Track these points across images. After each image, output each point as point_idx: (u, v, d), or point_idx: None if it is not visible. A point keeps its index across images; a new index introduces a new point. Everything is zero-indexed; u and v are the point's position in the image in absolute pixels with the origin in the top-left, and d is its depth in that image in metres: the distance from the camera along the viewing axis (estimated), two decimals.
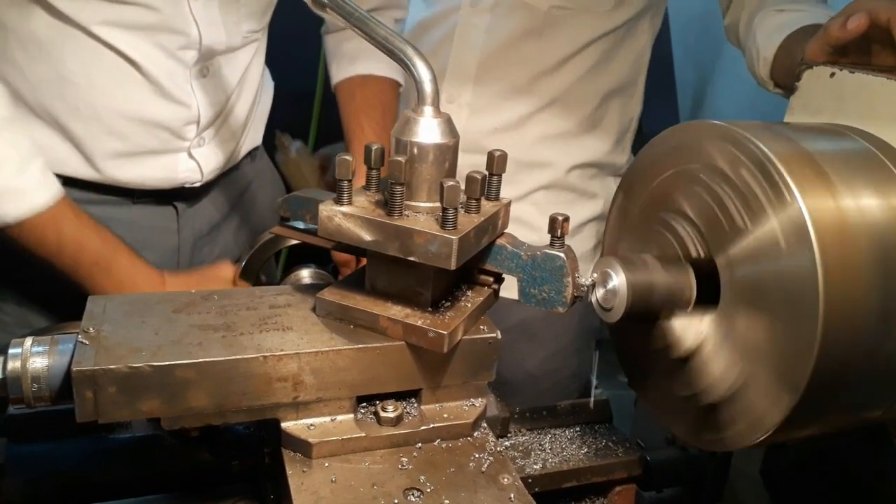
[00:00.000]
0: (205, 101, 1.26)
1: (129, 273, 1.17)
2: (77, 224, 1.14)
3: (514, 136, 1.41)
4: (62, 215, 1.12)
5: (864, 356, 0.68)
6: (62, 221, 1.12)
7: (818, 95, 0.88)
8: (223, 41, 1.24)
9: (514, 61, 1.37)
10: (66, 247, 1.13)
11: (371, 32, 0.76)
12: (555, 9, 1.32)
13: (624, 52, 1.41)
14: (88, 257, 1.14)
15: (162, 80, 1.19)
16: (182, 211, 1.36)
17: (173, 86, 1.21)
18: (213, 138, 1.32)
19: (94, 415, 0.67)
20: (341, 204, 0.73)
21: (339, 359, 0.73)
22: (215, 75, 1.27)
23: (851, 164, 0.74)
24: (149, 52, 1.16)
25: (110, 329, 0.72)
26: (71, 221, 1.13)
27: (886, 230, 0.69)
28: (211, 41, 1.21)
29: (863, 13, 0.88)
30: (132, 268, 1.18)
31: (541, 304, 0.76)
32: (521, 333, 1.45)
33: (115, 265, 1.16)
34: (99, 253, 1.15)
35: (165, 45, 1.17)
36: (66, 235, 1.13)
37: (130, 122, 1.20)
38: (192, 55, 1.21)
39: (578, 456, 0.95)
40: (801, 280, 0.65)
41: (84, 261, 1.14)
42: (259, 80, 1.43)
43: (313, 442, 0.72)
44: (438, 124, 0.73)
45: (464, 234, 0.70)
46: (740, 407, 0.72)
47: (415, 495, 0.69)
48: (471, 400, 0.80)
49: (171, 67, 1.20)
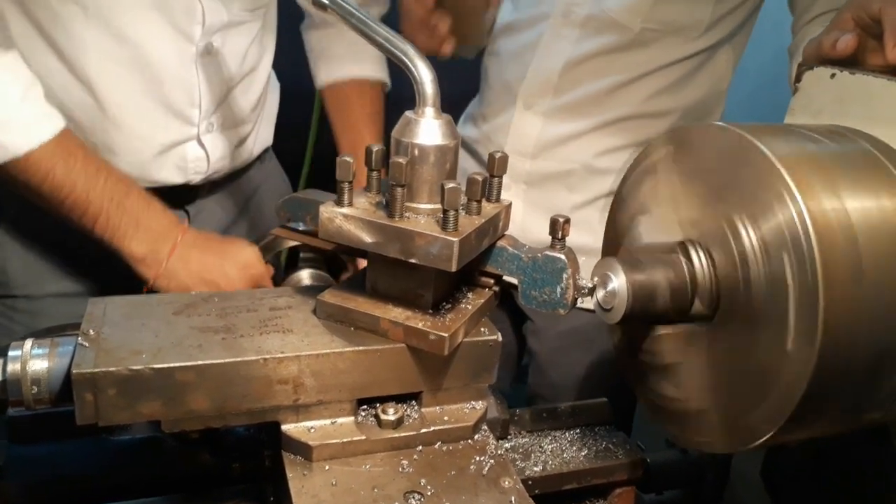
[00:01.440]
0: (208, 81, 1.25)
1: (143, 210, 1.14)
2: (85, 157, 1.11)
3: (584, 144, 1.41)
4: (70, 147, 1.09)
5: (864, 359, 0.68)
6: (70, 153, 1.09)
7: (819, 96, 0.88)
8: (223, 15, 1.23)
9: (595, 74, 1.36)
10: (76, 181, 1.09)
11: (372, 33, 0.76)
12: (647, 30, 1.31)
13: (703, 75, 1.41)
14: (100, 192, 1.11)
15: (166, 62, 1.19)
16: (193, 215, 1.36)
17: (178, 67, 1.20)
18: (220, 125, 1.32)
19: (94, 417, 0.67)
20: (342, 205, 0.73)
21: (339, 361, 0.73)
22: (219, 54, 1.26)
23: (852, 165, 0.74)
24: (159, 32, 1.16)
25: (110, 331, 0.72)
26: (79, 153, 1.10)
27: (888, 232, 0.69)
28: (212, 15, 1.21)
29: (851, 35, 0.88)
30: (147, 205, 1.15)
31: (541, 306, 0.76)
32: (575, 339, 1.45)
33: (128, 202, 1.13)
34: (112, 187, 1.12)
35: (175, 22, 1.17)
36: (76, 168, 1.09)
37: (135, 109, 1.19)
38: (198, 30, 1.20)
39: (579, 458, 0.95)
40: (802, 283, 0.64)
41: (95, 196, 1.10)
42: (266, 77, 1.42)
43: (314, 445, 0.72)
44: (439, 125, 0.73)
45: (465, 236, 0.70)
46: (735, 413, 0.72)
47: (415, 498, 0.69)
48: (471, 402, 0.80)
49: (179, 47, 1.19)
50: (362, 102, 1.46)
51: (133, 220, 1.13)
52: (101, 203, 1.11)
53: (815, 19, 1.24)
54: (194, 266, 1.16)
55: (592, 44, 1.34)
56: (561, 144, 1.40)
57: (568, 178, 1.43)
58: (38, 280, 1.27)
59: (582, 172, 1.42)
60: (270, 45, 1.42)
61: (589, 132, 1.40)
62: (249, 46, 1.33)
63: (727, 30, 1.37)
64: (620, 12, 1.30)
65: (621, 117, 1.39)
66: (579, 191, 1.43)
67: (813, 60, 0.92)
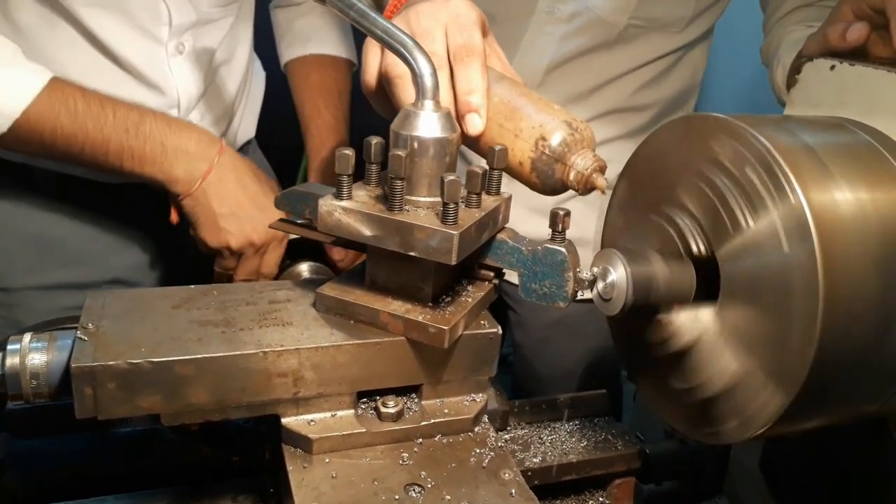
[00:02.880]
0: (183, 81, 1.23)
1: (166, 130, 1.10)
2: (85, 95, 1.07)
3: None
4: (65, 92, 1.06)
5: (863, 351, 0.68)
6: (68, 96, 1.05)
7: (818, 88, 0.88)
8: (191, 14, 1.21)
9: (580, 71, 1.36)
10: (85, 122, 1.05)
11: (371, 25, 0.75)
12: (632, 26, 1.31)
13: (681, 68, 1.42)
14: (113, 126, 1.07)
15: (139, 61, 1.16)
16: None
17: (152, 67, 1.18)
18: (199, 121, 1.29)
19: (93, 411, 0.67)
20: (341, 199, 0.72)
21: (339, 354, 0.73)
22: (191, 53, 1.23)
23: (852, 157, 0.74)
24: (124, 34, 1.14)
25: (109, 325, 0.71)
26: (77, 94, 1.07)
27: (887, 224, 0.69)
28: (179, 14, 1.18)
29: (862, 23, 0.87)
30: (168, 125, 1.11)
31: (541, 299, 0.75)
32: (562, 329, 1.45)
33: (144, 126, 1.09)
34: (123, 118, 1.08)
35: (139, 25, 1.15)
36: (80, 109, 1.05)
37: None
38: (165, 31, 1.18)
39: (578, 449, 0.95)
40: (801, 275, 0.64)
41: (110, 132, 1.07)
42: (246, 66, 1.39)
43: (314, 438, 0.72)
44: (439, 118, 0.73)
45: (465, 229, 0.69)
46: (736, 402, 0.72)
47: (416, 491, 0.69)
48: (472, 395, 0.80)
49: (148, 49, 1.17)
50: (321, 75, 1.43)
51: (158, 144, 1.08)
52: (119, 138, 1.07)
53: (788, 15, 1.24)
54: (228, 193, 1.13)
55: (577, 41, 1.33)
56: None
57: None
58: (14, 272, 1.25)
59: None
60: (246, 35, 1.38)
61: None
62: (223, 41, 1.30)
63: (706, 25, 1.39)
64: (606, 9, 1.30)
65: (605, 112, 1.39)
66: None
67: (816, 53, 0.92)
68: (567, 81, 1.37)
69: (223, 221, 1.13)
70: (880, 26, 0.88)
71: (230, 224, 1.13)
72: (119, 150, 1.07)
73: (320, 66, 1.44)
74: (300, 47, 1.45)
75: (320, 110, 1.41)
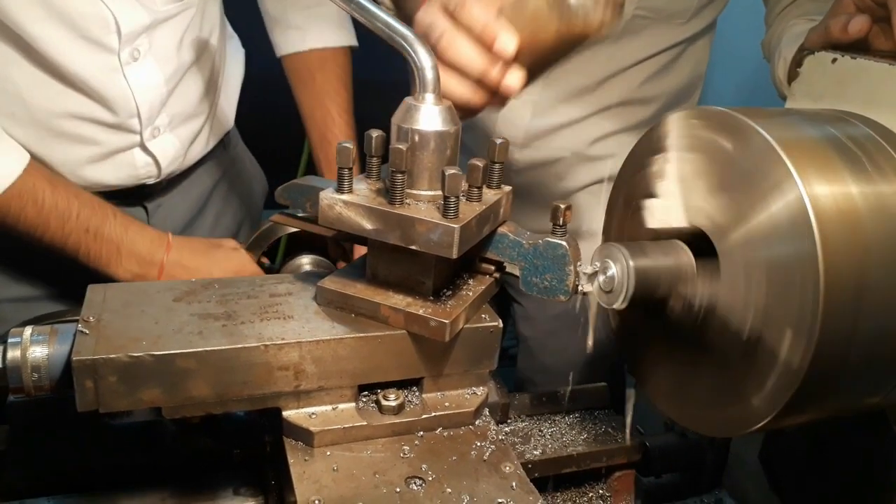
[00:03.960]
0: (141, 89, 1.17)
1: (123, 235, 1.12)
2: (54, 190, 1.08)
3: (575, 132, 1.41)
4: (37, 183, 1.07)
5: (863, 344, 0.68)
6: (38, 190, 1.06)
7: (820, 81, 0.88)
8: (142, 17, 1.14)
9: (585, 63, 1.35)
10: (49, 216, 1.07)
11: (371, 18, 0.75)
12: (637, 17, 1.31)
13: (685, 59, 1.42)
14: (74, 225, 1.09)
15: (90, 75, 1.12)
16: (153, 211, 1.31)
17: (104, 79, 1.13)
18: (167, 126, 1.25)
19: (94, 404, 0.67)
20: (342, 192, 0.72)
21: (340, 347, 0.73)
22: (148, 58, 1.17)
23: (853, 150, 0.74)
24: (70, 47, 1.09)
25: (110, 318, 0.71)
26: (47, 189, 1.07)
27: (888, 217, 0.69)
28: (128, 20, 1.12)
29: (864, 16, 0.87)
30: (125, 229, 1.12)
31: (542, 292, 0.76)
32: (568, 321, 1.44)
33: (105, 229, 1.11)
34: (86, 218, 1.09)
35: (86, 36, 1.10)
36: (47, 204, 1.07)
37: (70, 123, 1.14)
38: (114, 40, 1.12)
39: (578, 441, 0.95)
40: (802, 268, 0.64)
41: (70, 229, 1.08)
42: (215, 57, 1.32)
43: (315, 430, 0.72)
44: (440, 111, 0.73)
45: (465, 223, 0.69)
46: (737, 395, 0.72)
47: (416, 483, 0.70)
48: (472, 388, 0.80)
49: (99, 59, 1.12)
50: (326, 76, 1.38)
51: (114, 248, 1.11)
52: (78, 236, 1.09)
53: (789, 9, 1.24)
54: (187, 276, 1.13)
55: None
56: (551, 133, 1.40)
57: (558, 166, 1.43)
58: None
59: (572, 160, 1.42)
60: (214, 17, 1.31)
61: (580, 121, 1.40)
62: (185, 36, 1.23)
63: (710, 17, 1.39)
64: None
65: (611, 104, 1.39)
66: (570, 178, 1.43)
67: (818, 46, 0.91)
68: (575, 73, 1.36)
69: None
70: (882, 19, 0.88)
71: None
72: (76, 247, 1.10)
73: (323, 67, 1.39)
74: (298, 41, 1.39)
75: (334, 118, 1.37)
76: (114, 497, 0.80)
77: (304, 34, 1.39)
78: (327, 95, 1.38)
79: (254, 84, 1.51)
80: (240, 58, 1.47)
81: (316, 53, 1.39)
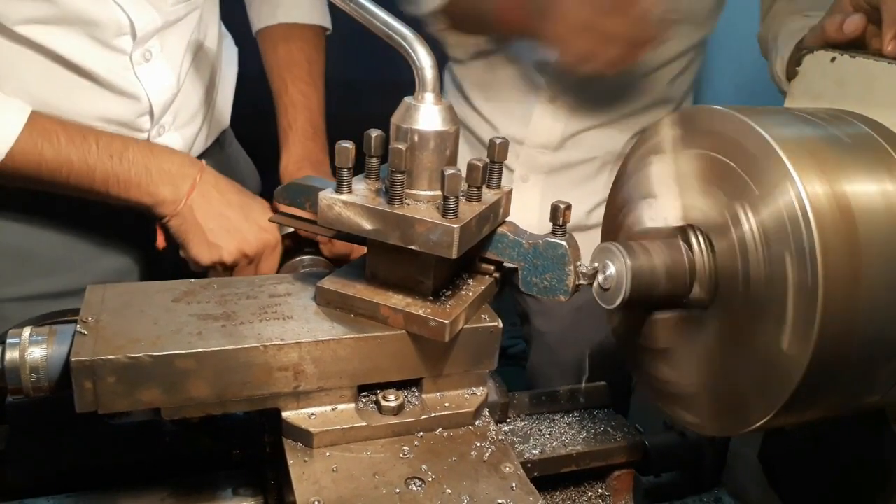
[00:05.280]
0: (154, 88, 1.19)
1: (149, 155, 1.11)
2: (66, 130, 1.07)
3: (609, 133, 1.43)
4: (46, 126, 1.06)
5: (862, 343, 0.68)
6: (50, 132, 1.06)
7: (819, 80, 0.88)
8: (155, 19, 1.16)
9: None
10: (69, 154, 1.06)
11: (371, 16, 0.75)
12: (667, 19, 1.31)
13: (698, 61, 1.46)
14: (97, 155, 1.07)
15: (102, 74, 1.13)
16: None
17: (117, 78, 1.15)
18: (172, 125, 1.26)
19: (93, 405, 0.67)
20: (341, 192, 0.72)
21: (339, 348, 0.73)
22: (158, 58, 1.19)
23: (852, 149, 0.74)
24: (82, 46, 1.10)
25: (109, 319, 0.71)
26: (59, 129, 1.07)
27: (887, 215, 0.69)
28: (143, 23, 1.14)
29: (859, 15, 0.87)
30: (150, 149, 1.12)
31: (542, 292, 0.75)
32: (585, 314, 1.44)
33: (129, 153, 1.10)
34: (107, 146, 1.08)
35: (98, 37, 1.11)
36: (63, 143, 1.06)
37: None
38: (128, 41, 1.14)
39: (577, 441, 0.95)
40: (801, 267, 0.64)
41: (95, 161, 1.07)
42: (214, 55, 1.34)
43: (314, 431, 0.72)
44: (439, 111, 0.72)
45: (465, 223, 0.69)
46: (736, 394, 0.72)
47: (416, 484, 0.70)
48: (472, 389, 0.80)
49: (111, 59, 1.13)
50: (288, 47, 1.38)
51: (142, 168, 1.09)
52: (104, 165, 1.08)
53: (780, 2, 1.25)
54: (213, 208, 1.13)
55: None
56: (586, 133, 1.41)
57: (591, 166, 1.44)
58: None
59: (607, 158, 1.43)
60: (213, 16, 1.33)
61: (615, 121, 1.42)
62: (191, 36, 1.25)
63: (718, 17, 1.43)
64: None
65: (645, 105, 1.42)
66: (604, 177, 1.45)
67: (816, 45, 0.91)
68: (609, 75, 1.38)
69: (213, 236, 1.13)
70: (878, 21, 0.88)
71: (220, 238, 1.13)
72: (105, 177, 1.09)
73: (287, 38, 1.38)
74: (269, 15, 1.39)
75: (287, 87, 1.36)
76: (113, 496, 0.80)
77: (274, 9, 1.39)
78: (285, 67, 1.37)
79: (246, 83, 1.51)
80: (233, 56, 1.48)
81: (283, 26, 1.38)
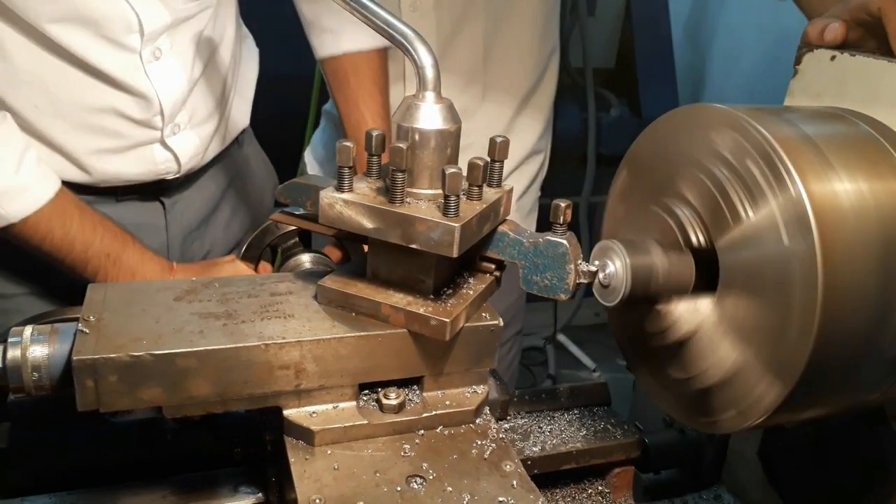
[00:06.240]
0: (164, 86, 1.20)
1: (139, 263, 1.17)
2: (81, 216, 1.13)
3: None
4: (66, 208, 1.11)
5: (862, 341, 0.68)
6: (67, 214, 1.12)
7: (819, 79, 0.88)
8: (164, 17, 1.17)
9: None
10: (74, 240, 1.12)
11: (372, 16, 0.75)
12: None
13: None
14: (97, 249, 1.14)
15: (113, 72, 1.14)
16: (169, 207, 1.33)
17: (127, 76, 1.16)
18: (188, 124, 1.27)
19: (95, 404, 0.67)
20: (342, 191, 0.72)
21: (340, 346, 0.73)
22: (168, 56, 1.20)
23: (852, 147, 0.74)
24: (93, 45, 1.11)
25: (111, 317, 0.71)
26: (75, 214, 1.13)
27: (887, 214, 0.69)
28: (151, 20, 1.15)
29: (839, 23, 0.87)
30: (141, 257, 1.18)
31: (543, 291, 0.76)
32: None
33: (124, 256, 1.16)
34: (108, 244, 1.14)
35: (108, 35, 1.12)
36: (73, 228, 1.12)
37: (95, 117, 1.16)
38: (136, 39, 1.15)
39: (577, 438, 0.96)
40: (801, 265, 0.65)
41: (93, 254, 1.14)
42: (231, 55, 1.35)
43: (315, 429, 0.73)
44: (440, 110, 0.72)
45: (466, 222, 0.69)
46: (735, 392, 0.72)
47: (417, 482, 0.70)
48: (473, 387, 0.80)
49: (121, 58, 1.14)
50: (359, 80, 1.40)
51: (130, 274, 1.16)
52: (98, 261, 1.14)
53: None
54: None
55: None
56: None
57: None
58: (10, 279, 1.26)
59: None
60: (230, 15, 1.34)
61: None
62: (204, 34, 1.26)
63: None
64: None
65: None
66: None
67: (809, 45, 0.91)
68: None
69: None
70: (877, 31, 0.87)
71: None
72: (95, 271, 1.15)
73: (356, 70, 1.40)
74: (332, 44, 1.40)
75: (367, 122, 1.39)
76: (115, 494, 0.80)
77: (337, 37, 1.40)
78: (361, 99, 1.40)
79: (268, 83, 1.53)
80: (254, 57, 1.49)
81: (349, 57, 1.40)
